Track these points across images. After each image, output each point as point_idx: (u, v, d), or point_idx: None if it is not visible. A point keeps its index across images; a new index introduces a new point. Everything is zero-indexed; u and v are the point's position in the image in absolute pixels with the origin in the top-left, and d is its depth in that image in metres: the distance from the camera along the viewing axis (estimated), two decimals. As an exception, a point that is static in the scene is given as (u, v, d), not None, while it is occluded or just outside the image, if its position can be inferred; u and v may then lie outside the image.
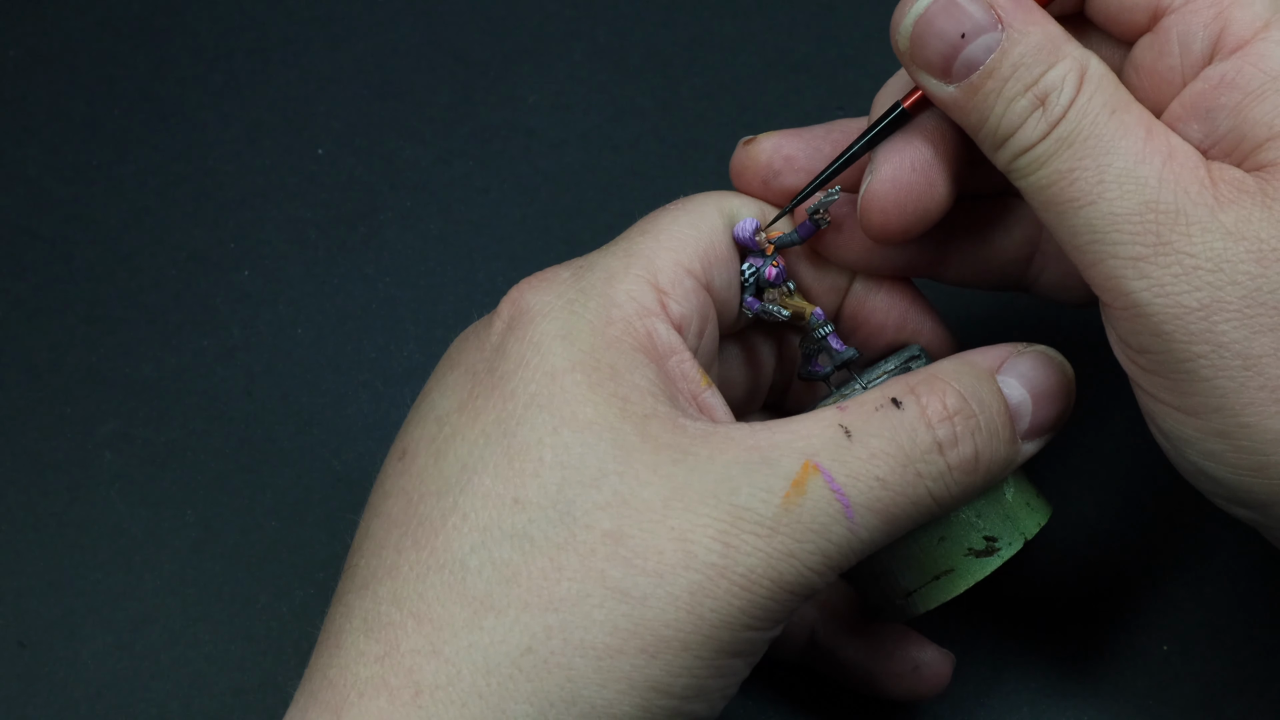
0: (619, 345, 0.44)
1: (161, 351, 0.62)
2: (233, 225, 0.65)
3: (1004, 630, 0.56)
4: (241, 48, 0.68)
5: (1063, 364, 0.48)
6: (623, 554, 0.42)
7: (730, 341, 0.51)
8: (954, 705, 0.55)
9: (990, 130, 0.44)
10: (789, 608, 0.43)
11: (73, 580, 0.58)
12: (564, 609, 0.42)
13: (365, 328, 0.62)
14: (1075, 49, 0.44)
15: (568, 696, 0.41)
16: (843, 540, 0.43)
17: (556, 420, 0.43)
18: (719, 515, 0.42)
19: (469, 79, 0.67)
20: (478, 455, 0.44)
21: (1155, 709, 0.55)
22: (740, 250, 0.49)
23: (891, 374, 0.48)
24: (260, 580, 0.58)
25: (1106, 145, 0.43)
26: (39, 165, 0.66)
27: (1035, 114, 0.44)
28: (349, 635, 0.43)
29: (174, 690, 0.56)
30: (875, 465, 0.43)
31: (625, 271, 0.46)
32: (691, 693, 0.42)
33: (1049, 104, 0.43)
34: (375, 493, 0.47)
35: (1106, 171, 0.43)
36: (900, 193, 0.47)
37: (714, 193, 0.49)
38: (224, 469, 0.60)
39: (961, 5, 0.44)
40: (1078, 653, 0.56)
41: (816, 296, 0.51)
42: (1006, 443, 0.46)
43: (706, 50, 0.67)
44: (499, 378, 0.45)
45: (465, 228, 0.64)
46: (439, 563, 0.43)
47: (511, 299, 0.47)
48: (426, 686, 0.42)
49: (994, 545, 0.48)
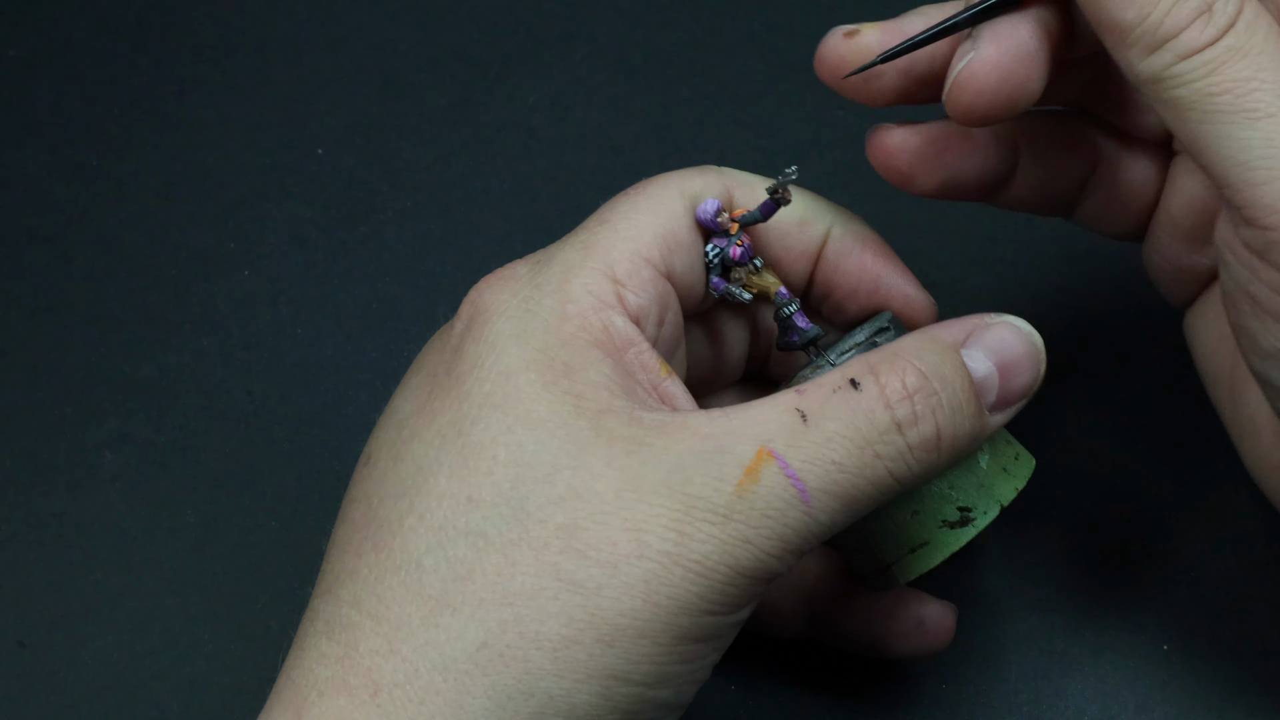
0: (574, 342, 0.44)
1: (161, 351, 0.62)
2: (233, 225, 0.65)
3: (1003, 630, 0.56)
4: (241, 48, 0.68)
5: (1030, 334, 0.47)
6: (576, 546, 0.42)
7: (700, 320, 0.51)
8: (951, 714, 0.55)
9: (1150, 28, 0.43)
10: (750, 592, 0.43)
11: (73, 580, 0.58)
12: (518, 603, 0.42)
13: (365, 328, 0.62)
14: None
15: (525, 689, 0.42)
16: (800, 525, 0.43)
17: (510, 419, 0.44)
18: (672, 505, 0.42)
19: (469, 79, 0.67)
20: (433, 456, 0.44)
21: (1155, 709, 0.55)
22: (704, 231, 0.48)
23: (861, 347, 0.48)
24: (260, 580, 0.58)
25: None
26: (39, 165, 0.66)
27: (1202, 19, 0.42)
28: (311, 638, 0.44)
29: (174, 690, 0.56)
30: (831, 449, 0.43)
31: (581, 265, 0.46)
32: (654, 680, 0.42)
33: (1215, 11, 0.42)
34: (344, 500, 0.47)
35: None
36: (1000, 76, 0.45)
37: (675, 174, 0.48)
38: (224, 469, 0.60)
39: None
40: (1078, 652, 0.56)
41: (786, 266, 0.50)
42: (971, 417, 0.45)
43: (706, 50, 0.67)
44: (455, 379, 0.45)
45: (465, 228, 0.64)
46: (395, 564, 0.43)
47: (470, 299, 0.47)
48: (385, 685, 0.42)
49: (968, 515, 0.48)
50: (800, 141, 0.66)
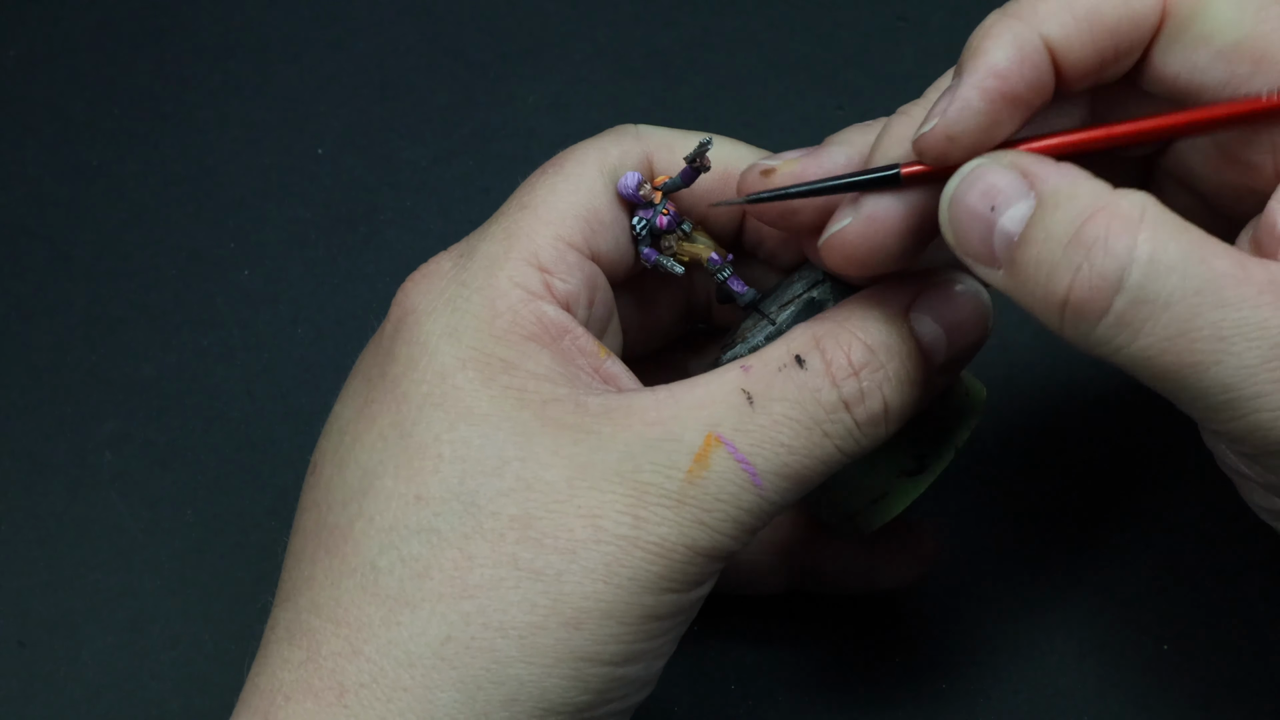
0: (508, 337, 0.44)
1: (161, 351, 0.62)
2: (233, 225, 0.65)
3: (1003, 629, 0.56)
4: (241, 48, 0.68)
5: (978, 292, 0.46)
6: (532, 536, 0.42)
7: (629, 286, 0.50)
8: (951, 714, 0.55)
9: (1056, 307, 0.40)
10: (709, 570, 0.44)
11: (73, 580, 0.58)
12: (479, 595, 0.42)
13: (365, 328, 0.62)
14: (1125, 198, 0.40)
15: (495, 678, 0.42)
16: (753, 505, 0.43)
17: (452, 416, 0.44)
18: (625, 492, 0.43)
19: (469, 79, 0.67)
20: (377, 459, 0.44)
21: (1155, 709, 0.55)
22: (627, 204, 0.48)
23: (799, 301, 0.47)
24: (260, 580, 0.58)
25: (1214, 297, 0.39)
26: (39, 165, 0.66)
27: (1105, 282, 0.40)
28: (273, 645, 0.44)
29: (174, 690, 0.56)
30: (779, 432, 0.43)
31: (505, 256, 0.46)
32: (622, 658, 0.43)
33: (1127, 276, 0.40)
34: (297, 509, 0.47)
35: (1223, 325, 0.39)
36: (868, 249, 0.44)
37: (591, 144, 0.48)
38: (224, 469, 0.60)
39: (986, 175, 0.42)
40: (1078, 652, 0.56)
41: (714, 223, 0.49)
42: (919, 384, 0.45)
43: (706, 50, 0.67)
44: (390, 381, 0.45)
45: (465, 228, 0.64)
46: (350, 567, 0.43)
47: (397, 300, 0.47)
48: (350, 686, 0.42)
49: (925, 461, 0.48)
50: (800, 142, 0.65)
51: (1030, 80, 0.42)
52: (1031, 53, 0.42)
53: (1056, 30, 0.42)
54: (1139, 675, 0.55)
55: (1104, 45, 0.43)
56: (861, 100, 0.66)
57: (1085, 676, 0.55)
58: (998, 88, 0.42)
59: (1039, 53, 0.42)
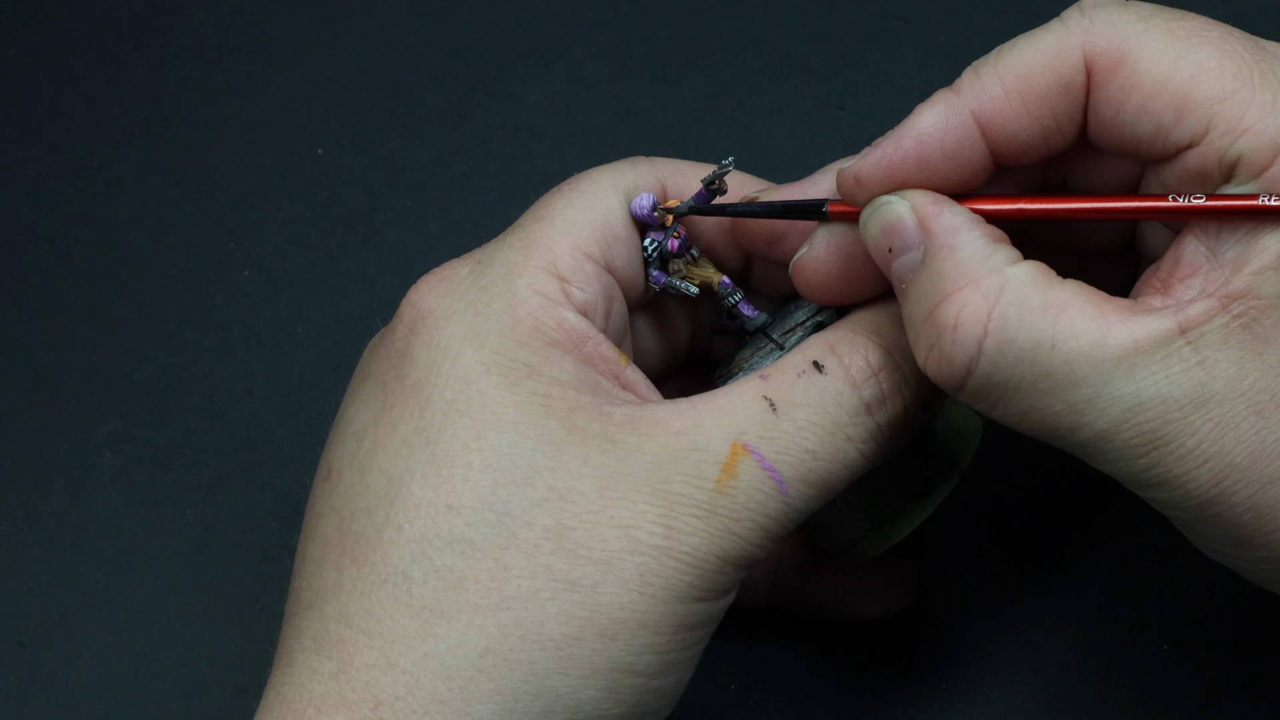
0: (531, 343, 0.45)
1: (161, 351, 0.62)
2: (233, 225, 0.65)
3: (1002, 630, 0.56)
4: (241, 48, 0.68)
5: None
6: (567, 547, 0.42)
7: (641, 312, 0.51)
8: (951, 714, 0.56)
9: (922, 362, 0.43)
10: (735, 578, 0.44)
11: (73, 580, 0.58)
12: (516, 606, 0.42)
13: (365, 328, 0.62)
14: (989, 277, 0.42)
15: (532, 689, 0.42)
16: (780, 513, 0.44)
17: (479, 424, 0.44)
18: (656, 503, 0.43)
19: (469, 79, 0.67)
20: (402, 466, 0.44)
21: (1155, 709, 0.55)
22: (640, 226, 0.48)
23: (806, 326, 0.48)
24: (260, 580, 0.58)
25: (1065, 379, 0.41)
26: (39, 165, 0.66)
27: (953, 367, 0.42)
28: (300, 655, 0.44)
29: (174, 690, 0.56)
30: (804, 438, 0.44)
31: (524, 264, 0.46)
32: (656, 669, 0.43)
33: (974, 365, 0.42)
34: (308, 515, 0.47)
35: (1075, 402, 0.41)
36: (827, 274, 0.46)
37: (607, 168, 0.48)
38: (224, 469, 0.60)
39: (887, 213, 0.44)
40: (1078, 652, 0.56)
41: (722, 252, 0.50)
42: (935, 385, 0.45)
43: (706, 50, 0.67)
44: (411, 386, 0.45)
45: (465, 228, 0.64)
46: (380, 577, 0.43)
47: (410, 302, 0.47)
48: (386, 699, 0.42)
49: (932, 484, 0.49)
50: (800, 141, 0.66)
51: (949, 150, 0.44)
52: (956, 126, 0.44)
53: (988, 105, 0.44)
54: (1139, 675, 0.55)
55: (1040, 113, 0.44)
56: (861, 100, 0.66)
57: (1085, 676, 0.55)
58: (914, 150, 0.44)
59: (965, 126, 0.44)
